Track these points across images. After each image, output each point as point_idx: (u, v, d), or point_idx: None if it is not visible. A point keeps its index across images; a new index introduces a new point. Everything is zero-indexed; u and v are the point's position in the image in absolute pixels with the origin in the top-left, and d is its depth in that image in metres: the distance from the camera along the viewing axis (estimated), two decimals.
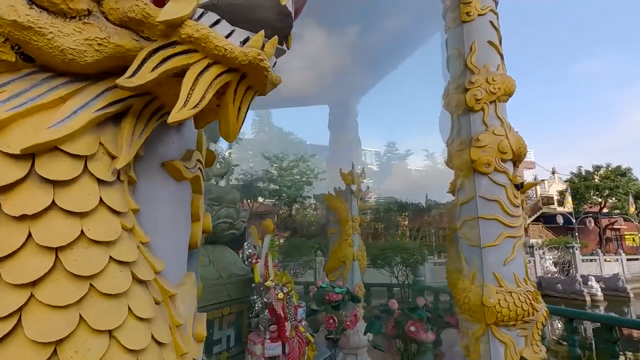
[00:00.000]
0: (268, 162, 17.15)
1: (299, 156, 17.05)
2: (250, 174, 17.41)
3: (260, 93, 0.59)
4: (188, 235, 0.72)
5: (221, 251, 3.07)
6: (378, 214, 22.37)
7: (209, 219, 0.82)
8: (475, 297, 2.51)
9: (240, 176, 17.24)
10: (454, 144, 2.91)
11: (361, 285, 5.23)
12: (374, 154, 28.59)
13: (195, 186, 0.72)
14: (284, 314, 2.69)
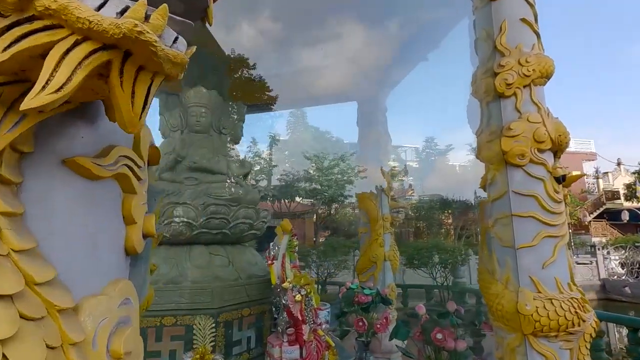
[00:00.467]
0: (305, 162, 17.23)
1: (339, 155, 16.98)
2: (292, 174, 17.61)
3: (164, 75, 0.51)
4: (117, 239, 0.66)
5: (241, 252, 3.07)
6: (420, 212, 21.66)
7: (150, 221, 0.75)
8: (509, 303, 2.26)
9: (283, 176, 17.52)
10: (483, 135, 2.64)
11: (393, 286, 5.02)
12: (412, 150, 27.69)
13: (124, 185, 0.66)
14: (302, 317, 2.61)
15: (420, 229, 23.15)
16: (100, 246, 0.61)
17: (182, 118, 3.37)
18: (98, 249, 0.60)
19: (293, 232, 2.85)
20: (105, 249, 0.62)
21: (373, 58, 5.56)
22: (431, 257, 6.59)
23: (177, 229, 2.72)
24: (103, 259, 0.61)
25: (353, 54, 5.62)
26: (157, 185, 2.91)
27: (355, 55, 5.60)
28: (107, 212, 0.63)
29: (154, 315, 2.48)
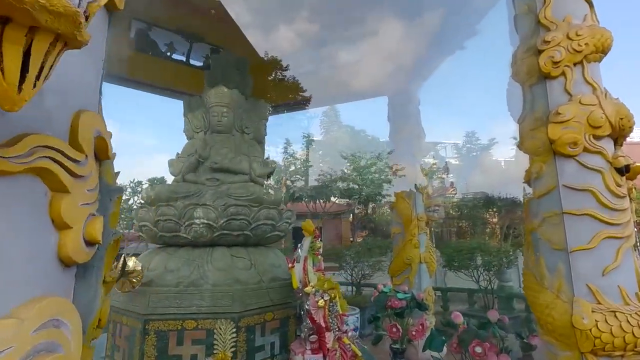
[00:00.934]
0: (340, 161, 17.04)
1: (377, 153, 16.59)
2: (329, 174, 17.50)
3: (50, 32, 0.38)
4: (41, 247, 0.54)
5: (264, 254, 2.97)
6: (462, 211, 20.66)
7: (94, 225, 0.63)
8: (561, 315, 1.95)
9: (320, 176, 17.46)
10: (526, 122, 2.33)
11: (430, 290, 4.70)
12: (452, 146, 26.41)
13: (50, 182, 0.55)
14: (325, 324, 2.45)
15: (463, 229, 22.10)
16: (10, 257, 0.49)
17: (204, 119, 3.36)
18: (6, 260, 0.49)
19: (316, 233, 2.70)
20: (19, 260, 0.51)
21: (404, 49, 5.26)
22: (473, 258, 6.12)
23: (197, 231, 2.68)
24: (15, 273, 0.50)
25: (384, 47, 5.35)
26: (178, 187, 2.90)
27: (386, 48, 5.33)
28: (22, 214, 0.51)
29: (175, 318, 2.44)
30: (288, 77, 6.14)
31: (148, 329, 2.43)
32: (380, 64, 5.62)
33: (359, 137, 23.46)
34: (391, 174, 5.04)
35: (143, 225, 2.85)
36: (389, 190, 16.01)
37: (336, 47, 5.85)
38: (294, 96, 6.43)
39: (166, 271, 2.59)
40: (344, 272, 7.52)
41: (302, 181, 19.09)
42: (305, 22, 5.46)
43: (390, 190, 4.90)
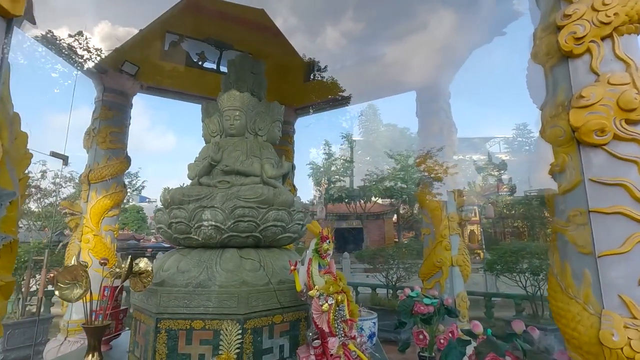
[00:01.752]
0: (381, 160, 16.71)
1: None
2: (374, 173, 17.24)
3: None
4: None
5: (275, 255, 2.95)
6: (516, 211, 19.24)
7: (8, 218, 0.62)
8: (588, 330, 1.68)
9: (366, 177, 17.29)
10: (547, 108, 2.07)
11: (464, 296, 4.39)
12: (502, 141, 24.57)
13: None
14: (329, 328, 2.36)
15: (519, 230, 20.57)
16: None
17: (219, 123, 3.44)
18: None
19: (323, 235, 2.62)
20: None
21: (432, 39, 4.99)
22: (518, 262, 5.62)
23: (206, 233, 2.74)
24: None
25: (413, 38, 5.13)
26: (191, 190, 2.99)
27: (415, 40, 5.10)
28: None
29: (184, 318, 2.51)
30: (327, 78, 6.14)
31: (160, 328, 2.52)
32: (406, 57, 5.38)
33: (403, 135, 22.78)
34: (442, 172, 4.80)
35: (159, 227, 2.99)
36: (440, 189, 15.31)
37: (369, 43, 5.72)
38: (333, 96, 6.41)
39: (178, 272, 2.68)
40: (379, 275, 7.32)
41: (343, 182, 19.01)
42: (343, 21, 5.41)
43: (442, 189, 4.68)
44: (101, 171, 4.88)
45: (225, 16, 5.19)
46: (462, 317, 4.28)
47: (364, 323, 3.06)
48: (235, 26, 5.35)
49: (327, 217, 19.28)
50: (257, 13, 4.88)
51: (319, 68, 6.19)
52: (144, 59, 5.48)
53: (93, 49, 5.39)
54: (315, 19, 5.46)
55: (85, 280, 2.08)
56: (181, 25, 5.33)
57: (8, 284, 0.90)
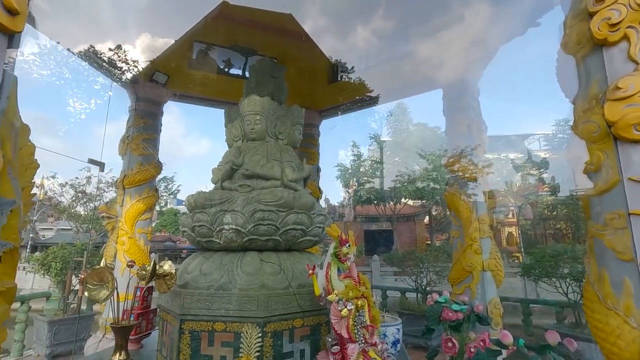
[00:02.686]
0: (410, 160, 16.33)
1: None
2: (407, 174, 16.91)
3: None
4: None
5: (295, 259, 2.94)
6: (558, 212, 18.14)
7: None
8: (629, 345, 1.53)
9: (398, 177, 17.01)
10: (579, 102, 1.91)
11: (497, 302, 4.17)
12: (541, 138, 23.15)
13: None
14: (349, 334, 2.31)
15: (561, 232, 19.37)
16: None
17: (241, 127, 3.49)
18: None
19: (342, 238, 2.58)
20: None
21: (464, 34, 4.81)
22: (558, 266, 5.26)
23: (227, 236, 2.78)
24: None
25: (444, 33, 4.98)
26: (213, 194, 3.05)
27: (446, 35, 4.95)
28: None
29: (206, 320, 2.56)
30: (354, 79, 6.12)
31: (183, 328, 2.59)
32: (433, 54, 5.22)
33: (434, 134, 22.14)
34: (476, 172, 4.63)
35: (184, 230, 3.08)
36: (474, 190, 14.72)
37: (399, 41, 5.62)
38: (359, 96, 6.37)
39: (201, 274, 2.74)
40: (408, 278, 7.14)
41: (372, 183, 18.78)
42: (373, 19, 5.36)
43: (476, 189, 4.48)
44: (135, 176, 5.12)
45: (253, 23, 5.30)
46: (495, 325, 4.06)
47: (387, 329, 2.98)
48: (261, 32, 5.45)
49: (356, 219, 19.13)
50: (284, 18, 4.95)
51: (344, 69, 6.15)
52: (173, 68, 5.70)
53: (130, 61, 5.70)
54: (344, 19, 5.44)
55: (111, 282, 2.18)
56: (210, 34, 5.49)
57: (9, 290, 0.94)
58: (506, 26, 4.88)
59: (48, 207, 19.69)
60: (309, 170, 3.46)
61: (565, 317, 5.53)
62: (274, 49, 5.77)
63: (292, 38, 5.42)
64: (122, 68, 5.65)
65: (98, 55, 5.53)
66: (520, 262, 14.59)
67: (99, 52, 5.56)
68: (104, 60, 5.56)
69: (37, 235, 21.73)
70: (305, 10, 5.12)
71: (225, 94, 6.19)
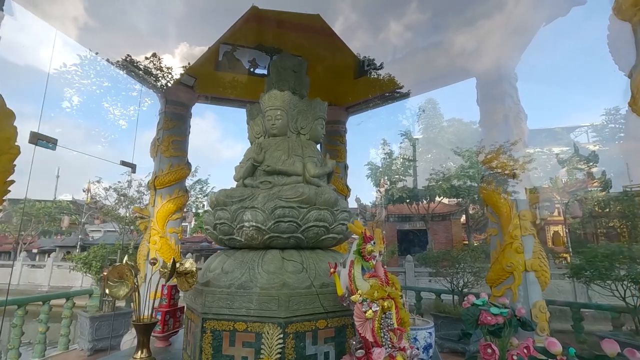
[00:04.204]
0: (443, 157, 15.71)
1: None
2: (441, 172, 16.34)
3: None
4: None
5: (318, 257, 2.82)
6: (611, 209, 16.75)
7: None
8: None
9: (432, 176, 16.49)
10: (638, 73, 1.64)
11: (542, 306, 3.80)
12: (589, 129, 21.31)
13: None
14: (374, 338, 2.16)
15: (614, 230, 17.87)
16: None
17: (262, 124, 3.43)
18: None
19: (366, 235, 2.42)
20: None
21: (501, 16, 4.49)
22: (613, 267, 4.75)
23: (248, 234, 2.72)
24: None
25: (475, 19, 4.69)
26: (234, 192, 3.00)
27: (481, 18, 4.65)
28: None
29: (228, 319, 2.50)
30: (383, 76, 5.95)
31: (205, 328, 2.55)
32: (464, 40, 4.90)
33: (469, 129, 21.16)
34: (516, 167, 4.32)
35: (207, 228, 3.06)
36: (515, 187, 13.85)
37: (432, 32, 5.38)
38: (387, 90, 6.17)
39: (222, 273, 2.69)
40: (443, 280, 6.79)
41: (404, 181, 18.29)
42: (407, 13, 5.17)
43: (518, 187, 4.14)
44: (165, 177, 5.25)
45: (280, 23, 5.27)
46: (540, 331, 3.71)
47: (418, 333, 2.78)
48: (286, 31, 5.40)
49: (389, 219, 18.70)
50: (311, 17, 4.87)
51: (370, 62, 5.97)
52: (200, 70, 5.80)
53: (165, 68, 5.87)
54: (375, 14, 5.27)
55: (130, 279, 2.17)
56: (237, 37, 5.53)
57: None
58: (548, 5, 4.48)
59: (94, 210, 21.02)
60: (332, 165, 3.33)
61: (623, 324, 4.99)
62: (298, 47, 5.71)
63: (318, 35, 5.33)
64: (157, 75, 5.83)
65: (134, 64, 5.74)
66: (568, 263, 13.59)
67: (135, 60, 5.78)
68: (139, 68, 5.76)
69: (86, 237, 23.24)
70: (334, 8, 5.01)
71: (252, 94, 6.20)
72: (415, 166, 19.10)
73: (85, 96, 15.70)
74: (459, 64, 5.02)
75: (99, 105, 40.97)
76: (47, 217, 21.73)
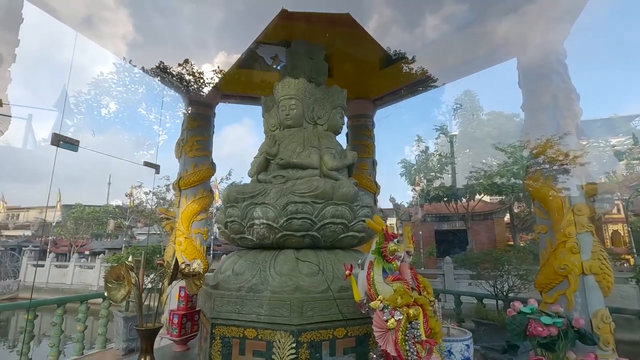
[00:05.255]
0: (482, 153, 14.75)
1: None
2: (483, 170, 15.36)
3: None
4: None
5: (337, 258, 2.54)
6: None
7: None
8: None
9: (472, 173, 15.59)
10: None
11: (605, 315, 3.23)
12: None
13: None
14: (397, 351, 1.84)
15: None
16: None
17: (277, 115, 3.22)
18: None
19: (387, 233, 2.12)
20: None
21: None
22: None
23: (259, 232, 2.51)
24: None
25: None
26: (245, 187, 2.81)
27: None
28: None
29: (237, 325, 2.30)
30: (413, 64, 5.57)
31: (214, 334, 2.37)
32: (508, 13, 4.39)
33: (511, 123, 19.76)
34: (569, 160, 3.80)
35: (219, 227, 2.89)
36: (566, 183, 12.62)
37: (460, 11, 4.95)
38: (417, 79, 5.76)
39: (233, 274, 2.50)
40: (485, 283, 6.22)
41: (441, 179, 17.41)
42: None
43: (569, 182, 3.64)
44: (189, 178, 5.20)
45: (307, 19, 5.09)
46: (604, 344, 3.16)
47: (453, 345, 2.42)
48: (312, 26, 5.19)
49: (425, 218, 17.89)
50: (340, 14, 4.63)
51: (398, 52, 5.60)
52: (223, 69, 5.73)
53: (197, 73, 5.89)
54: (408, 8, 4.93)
55: (127, 280, 2.04)
56: (267, 36, 5.41)
57: None
58: None
59: (136, 214, 22.11)
60: (353, 157, 3.05)
61: None
62: (322, 40, 5.48)
63: (343, 27, 5.08)
64: (189, 81, 5.85)
65: (166, 71, 5.80)
66: (632, 265, 12.19)
67: (168, 67, 5.84)
68: (173, 75, 5.80)
69: (132, 239, 24.50)
70: (365, 5, 4.75)
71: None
72: (454, 163, 18.08)
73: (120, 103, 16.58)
74: (497, 43, 4.53)
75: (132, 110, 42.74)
76: (96, 221, 23.23)
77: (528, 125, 4.02)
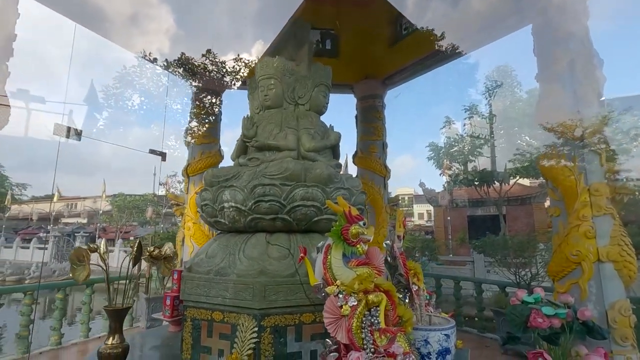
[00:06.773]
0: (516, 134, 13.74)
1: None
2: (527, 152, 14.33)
3: None
4: None
5: (312, 242, 2.43)
6: None
7: None
8: None
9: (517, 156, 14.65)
10: None
11: (624, 307, 2.88)
12: None
13: None
14: (350, 340, 1.73)
15: None
16: None
17: (259, 97, 3.13)
18: None
19: (349, 214, 1.98)
20: None
21: None
22: None
23: (229, 215, 2.47)
24: None
25: None
26: (220, 170, 2.77)
27: None
28: None
29: (206, 307, 2.30)
30: (424, 31, 5.21)
31: (186, 315, 2.39)
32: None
33: None
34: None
35: (198, 211, 2.89)
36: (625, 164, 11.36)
37: None
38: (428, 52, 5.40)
39: (205, 257, 2.50)
40: (507, 271, 5.85)
41: (473, 162, 16.51)
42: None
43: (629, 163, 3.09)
44: (197, 164, 5.30)
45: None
46: (622, 339, 2.82)
47: (430, 335, 2.25)
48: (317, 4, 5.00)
49: (457, 203, 17.14)
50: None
51: (408, 25, 5.26)
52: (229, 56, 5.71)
53: (219, 63, 5.93)
54: None
55: (87, 262, 2.09)
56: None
57: None
58: None
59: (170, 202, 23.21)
60: (335, 138, 2.91)
61: None
62: (328, 19, 5.28)
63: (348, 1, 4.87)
64: (212, 71, 5.91)
65: (188, 62, 5.88)
66: None
67: (190, 58, 5.92)
68: (196, 66, 5.88)
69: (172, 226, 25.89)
70: None
71: None
72: (494, 144, 16.97)
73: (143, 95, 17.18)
74: (508, 9, 4.11)
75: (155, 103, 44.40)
76: (137, 209, 24.79)
77: (543, 96, 3.62)
